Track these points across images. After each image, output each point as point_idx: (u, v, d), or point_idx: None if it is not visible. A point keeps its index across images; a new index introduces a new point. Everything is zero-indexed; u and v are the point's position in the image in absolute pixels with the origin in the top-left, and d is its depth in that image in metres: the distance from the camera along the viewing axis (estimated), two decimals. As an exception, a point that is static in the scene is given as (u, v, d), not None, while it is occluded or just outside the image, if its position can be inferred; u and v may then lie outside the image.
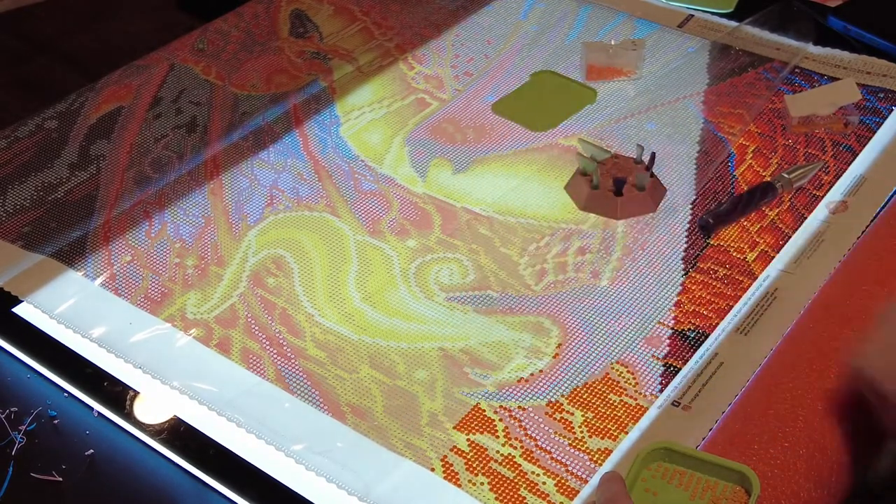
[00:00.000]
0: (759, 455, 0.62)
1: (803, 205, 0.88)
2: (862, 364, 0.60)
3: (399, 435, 0.71)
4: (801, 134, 0.95)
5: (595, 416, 0.71)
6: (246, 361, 0.76)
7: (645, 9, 1.14)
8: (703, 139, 0.96)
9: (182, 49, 1.11)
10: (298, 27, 1.14)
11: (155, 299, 0.81)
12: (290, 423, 0.72)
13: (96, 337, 0.78)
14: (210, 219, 0.89)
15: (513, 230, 0.87)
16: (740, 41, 1.07)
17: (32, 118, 1.01)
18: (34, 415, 0.73)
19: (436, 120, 1.00)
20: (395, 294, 0.82)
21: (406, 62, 1.08)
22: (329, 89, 1.05)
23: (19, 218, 0.89)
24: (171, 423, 0.72)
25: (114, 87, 1.05)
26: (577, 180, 0.90)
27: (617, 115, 1.00)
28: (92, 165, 0.95)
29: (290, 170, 0.94)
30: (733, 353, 0.74)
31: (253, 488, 0.67)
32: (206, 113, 1.01)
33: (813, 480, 0.61)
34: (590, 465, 0.68)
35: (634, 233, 0.86)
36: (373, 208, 0.90)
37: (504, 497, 0.67)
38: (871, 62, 1.04)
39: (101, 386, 0.74)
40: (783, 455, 0.62)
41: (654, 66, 1.05)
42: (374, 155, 0.96)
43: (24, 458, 0.70)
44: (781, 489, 0.61)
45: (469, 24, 1.14)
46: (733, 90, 1.01)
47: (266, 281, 0.83)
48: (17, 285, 0.82)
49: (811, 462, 0.62)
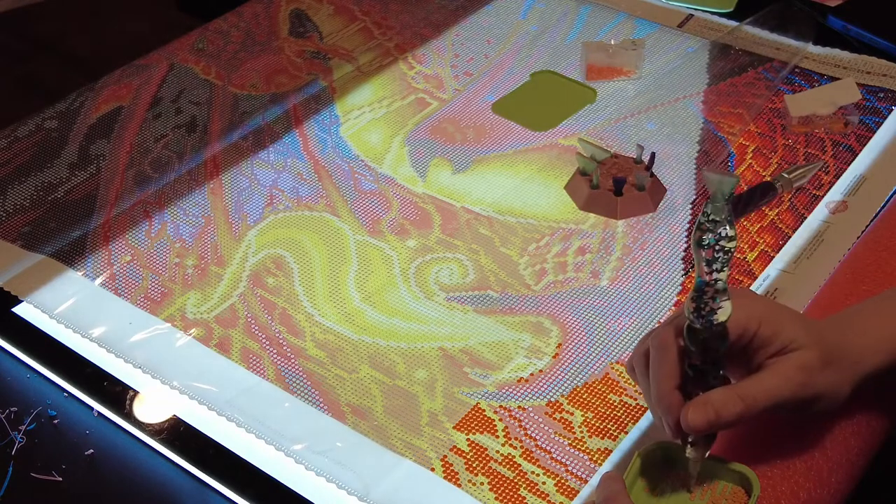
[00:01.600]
0: (758, 455, 0.62)
1: (803, 205, 0.88)
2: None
3: (399, 435, 0.71)
4: (800, 134, 0.95)
5: (595, 416, 0.71)
6: (246, 361, 0.76)
7: (645, 8, 1.14)
8: (703, 139, 0.96)
9: (182, 49, 1.11)
10: (298, 27, 1.14)
11: (155, 299, 0.81)
12: (290, 422, 0.71)
13: (96, 337, 0.78)
14: (210, 219, 0.89)
15: (513, 230, 0.87)
16: (740, 41, 1.07)
17: (32, 118, 1.01)
18: (34, 415, 0.73)
19: (436, 120, 1.00)
20: (395, 294, 0.82)
21: (406, 62, 1.08)
22: (329, 89, 1.05)
23: (19, 218, 0.89)
24: (171, 423, 0.72)
25: (114, 87, 1.05)
26: (577, 180, 0.90)
27: (617, 115, 1.00)
28: (92, 165, 0.95)
29: (289, 170, 0.94)
30: (733, 352, 0.74)
31: (253, 488, 0.67)
32: (206, 113, 1.01)
33: (813, 480, 0.61)
34: (590, 465, 0.68)
35: (634, 233, 0.86)
36: (373, 208, 0.90)
37: (504, 497, 0.67)
38: (870, 62, 1.04)
39: (101, 386, 0.74)
40: (783, 455, 0.62)
41: (653, 65, 1.05)
42: (374, 155, 0.96)
43: (24, 458, 0.70)
44: (781, 489, 0.61)
45: (469, 24, 1.14)
46: (733, 90, 1.01)
47: (266, 281, 0.83)
48: (17, 285, 0.82)
49: (811, 462, 0.62)
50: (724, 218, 0.50)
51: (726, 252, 0.51)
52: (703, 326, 0.54)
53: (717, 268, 0.51)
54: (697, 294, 0.53)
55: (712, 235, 0.50)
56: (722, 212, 0.50)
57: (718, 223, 0.50)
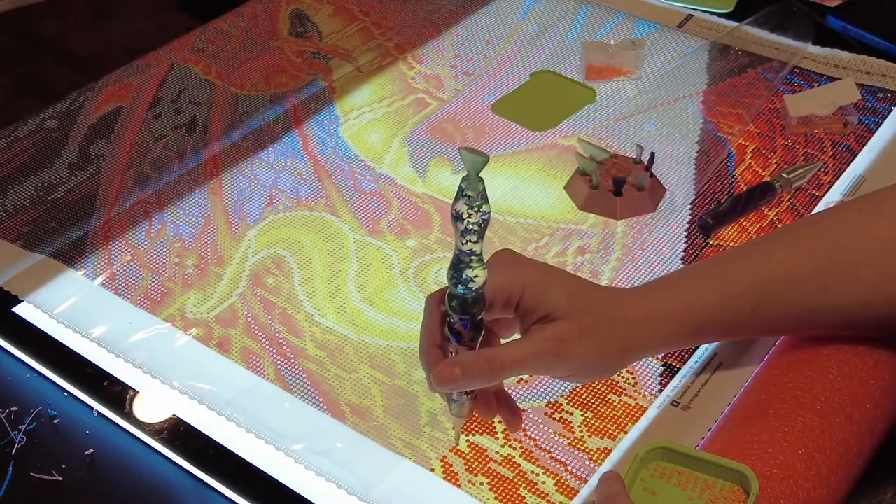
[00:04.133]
0: (758, 455, 0.62)
1: (802, 205, 0.88)
2: None
3: (399, 435, 0.71)
4: (800, 134, 0.96)
5: (594, 415, 0.71)
6: (246, 361, 0.76)
7: (644, 9, 1.14)
8: (703, 139, 0.96)
9: (182, 49, 1.11)
10: (298, 27, 1.14)
11: (155, 299, 0.82)
12: (290, 422, 0.72)
13: (96, 337, 0.78)
14: (210, 218, 0.89)
15: (512, 230, 0.87)
16: (740, 41, 1.07)
17: (32, 118, 1.01)
18: (34, 415, 0.73)
19: (435, 120, 1.00)
20: (395, 294, 0.82)
21: (406, 62, 1.08)
22: (329, 89, 1.05)
23: (19, 218, 0.89)
24: (171, 423, 0.72)
25: (114, 87, 1.05)
26: (577, 180, 0.91)
27: (616, 115, 1.00)
28: (92, 165, 0.95)
29: (289, 170, 0.95)
30: (732, 352, 0.74)
31: (253, 488, 0.67)
32: (206, 113, 1.01)
33: (812, 480, 0.61)
34: (589, 465, 0.68)
35: (634, 233, 0.86)
36: (372, 208, 0.90)
37: (504, 497, 0.67)
38: (870, 62, 1.04)
39: (101, 386, 0.74)
40: (782, 455, 0.62)
41: (653, 66, 1.05)
42: (374, 155, 0.96)
43: (24, 458, 0.70)
44: (780, 489, 0.61)
45: (469, 24, 1.14)
46: (733, 90, 1.01)
47: (266, 281, 0.83)
48: (17, 285, 0.82)
49: (810, 462, 0.62)
50: (477, 194, 0.54)
51: (479, 225, 0.54)
52: (460, 293, 0.57)
53: (472, 239, 0.55)
54: (455, 262, 0.56)
55: (467, 209, 0.54)
56: (476, 188, 0.54)
57: (472, 198, 0.54)
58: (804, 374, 0.67)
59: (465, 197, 0.54)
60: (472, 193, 0.54)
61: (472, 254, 0.56)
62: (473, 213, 0.54)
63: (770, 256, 0.66)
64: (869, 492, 0.71)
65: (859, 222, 0.66)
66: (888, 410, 0.67)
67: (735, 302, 0.65)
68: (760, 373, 0.71)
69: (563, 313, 0.60)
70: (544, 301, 0.61)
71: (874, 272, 0.65)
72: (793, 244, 0.67)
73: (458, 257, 0.56)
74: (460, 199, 0.54)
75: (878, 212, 0.67)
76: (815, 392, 0.65)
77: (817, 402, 0.65)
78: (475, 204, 0.54)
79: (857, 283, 0.65)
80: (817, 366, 0.67)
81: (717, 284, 0.65)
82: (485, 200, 0.54)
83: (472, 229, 0.54)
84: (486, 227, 0.55)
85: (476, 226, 0.54)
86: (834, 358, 0.67)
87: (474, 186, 0.54)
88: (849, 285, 0.65)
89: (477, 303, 0.58)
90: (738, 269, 0.66)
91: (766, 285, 0.65)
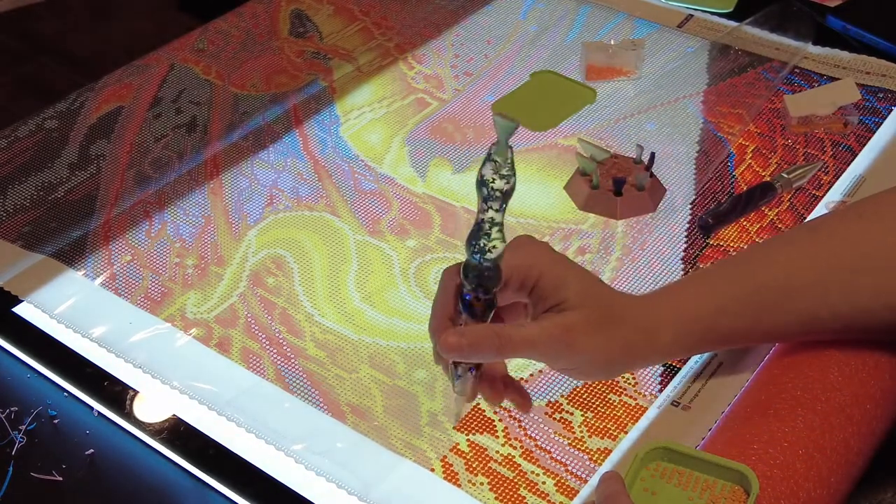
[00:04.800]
0: (758, 455, 0.62)
1: (803, 205, 0.88)
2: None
3: (399, 435, 0.71)
4: (800, 134, 0.96)
5: (595, 415, 0.71)
6: (246, 361, 0.76)
7: (644, 9, 1.14)
8: (703, 139, 0.96)
9: (182, 49, 1.11)
10: (298, 27, 1.14)
11: (155, 299, 0.82)
12: (290, 422, 0.72)
13: (96, 337, 0.78)
14: (210, 218, 0.89)
15: (512, 230, 0.87)
16: (740, 41, 1.07)
17: (32, 118, 1.01)
18: (34, 415, 0.73)
19: (436, 120, 1.00)
20: (395, 294, 0.82)
21: (406, 62, 1.08)
22: (329, 89, 1.05)
23: (19, 218, 0.89)
24: (171, 423, 0.72)
25: (114, 87, 1.05)
26: (577, 180, 0.91)
27: (616, 115, 1.00)
28: (92, 165, 0.95)
29: (289, 170, 0.95)
30: (732, 353, 0.74)
31: (253, 488, 0.67)
32: (206, 113, 1.01)
33: (812, 480, 0.61)
34: (589, 465, 0.68)
35: (634, 233, 0.86)
36: (373, 208, 0.90)
37: (504, 497, 0.67)
38: (870, 62, 1.04)
39: (101, 386, 0.74)
40: (783, 455, 0.62)
41: (653, 66, 1.06)
42: (374, 155, 0.96)
43: (24, 458, 0.70)
44: (780, 489, 0.61)
45: (469, 24, 1.14)
46: (733, 90, 1.01)
47: (266, 281, 0.83)
48: (17, 285, 0.82)
49: (811, 462, 0.62)
50: (504, 161, 0.53)
51: (504, 192, 0.53)
52: (477, 262, 0.56)
53: (494, 206, 0.54)
54: (475, 230, 0.56)
55: (492, 174, 0.53)
56: (504, 155, 0.53)
57: (499, 164, 0.53)
58: (804, 375, 0.67)
59: (493, 162, 0.53)
60: (498, 159, 0.53)
61: (493, 222, 0.55)
62: (497, 179, 0.53)
63: (771, 263, 0.66)
64: (869, 492, 0.71)
65: (860, 228, 0.66)
66: (888, 410, 0.67)
67: (737, 309, 0.65)
68: (760, 373, 0.71)
69: (575, 304, 0.60)
70: (560, 289, 0.60)
71: (874, 279, 0.65)
72: (793, 250, 0.66)
73: (479, 225, 0.55)
74: (487, 163, 0.53)
75: (878, 217, 0.66)
76: (815, 392, 0.65)
77: (817, 402, 0.65)
78: (501, 170, 0.53)
79: (858, 290, 0.65)
80: (817, 366, 0.67)
81: (719, 292, 0.65)
82: (511, 169, 0.53)
83: (495, 196, 0.53)
84: (510, 196, 0.54)
85: (499, 192, 0.53)
86: (834, 358, 0.67)
87: (502, 153, 0.53)
88: (849, 292, 0.65)
89: (493, 276, 0.57)
90: (740, 276, 0.66)
91: (766, 292, 0.65)
